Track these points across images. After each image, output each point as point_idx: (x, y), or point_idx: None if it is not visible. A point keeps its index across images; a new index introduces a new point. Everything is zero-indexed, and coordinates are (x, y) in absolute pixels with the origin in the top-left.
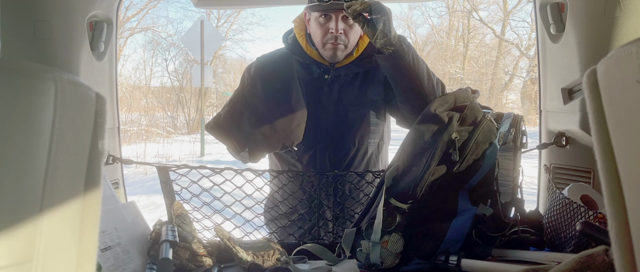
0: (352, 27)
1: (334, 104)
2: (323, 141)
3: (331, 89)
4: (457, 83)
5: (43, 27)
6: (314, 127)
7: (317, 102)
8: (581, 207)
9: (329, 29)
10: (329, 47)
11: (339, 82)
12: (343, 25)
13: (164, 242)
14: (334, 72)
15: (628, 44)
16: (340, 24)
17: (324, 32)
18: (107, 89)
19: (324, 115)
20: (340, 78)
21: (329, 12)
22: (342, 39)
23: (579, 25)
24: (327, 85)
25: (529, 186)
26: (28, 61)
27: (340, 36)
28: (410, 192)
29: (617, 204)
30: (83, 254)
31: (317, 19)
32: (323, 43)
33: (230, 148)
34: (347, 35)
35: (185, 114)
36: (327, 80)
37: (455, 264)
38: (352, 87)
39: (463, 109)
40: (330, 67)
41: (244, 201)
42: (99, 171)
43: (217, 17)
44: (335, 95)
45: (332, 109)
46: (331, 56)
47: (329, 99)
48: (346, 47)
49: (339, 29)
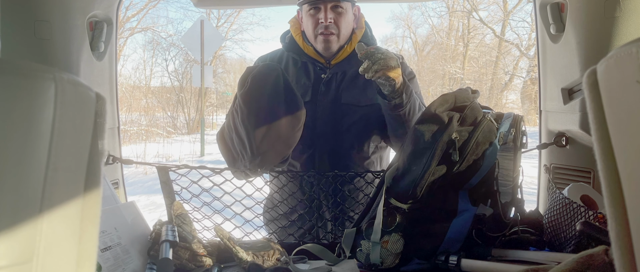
0: (342, 16)
1: (331, 104)
2: (321, 141)
3: (328, 88)
4: (457, 83)
5: (43, 27)
6: (312, 127)
7: (314, 102)
8: (581, 207)
9: (318, 19)
10: (321, 38)
11: (337, 81)
12: (332, 15)
13: (164, 242)
14: (331, 70)
15: (628, 44)
16: (329, 13)
17: (314, 23)
18: (107, 89)
19: (321, 115)
20: (338, 76)
21: (318, 4)
22: (332, 28)
23: (579, 25)
24: (324, 85)
25: (529, 186)
26: (28, 61)
27: (330, 25)
28: (410, 192)
29: (617, 204)
30: (83, 254)
31: (307, 12)
32: (315, 35)
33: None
34: (337, 24)
35: (185, 114)
36: (323, 80)
37: (455, 264)
38: (352, 86)
39: (463, 109)
40: (327, 65)
41: (244, 201)
42: (99, 171)
43: (217, 17)
44: (333, 95)
45: (329, 108)
46: (324, 47)
47: (326, 98)
48: (339, 37)
49: (329, 18)
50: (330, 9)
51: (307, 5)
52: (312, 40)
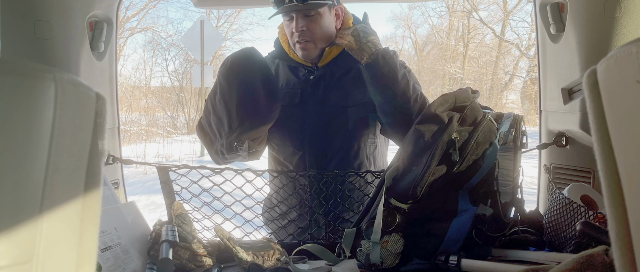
0: (316, 21)
1: (318, 105)
2: (310, 143)
3: (315, 89)
4: (457, 83)
5: (43, 27)
6: (301, 129)
7: (302, 103)
8: (581, 207)
9: (292, 29)
10: (298, 46)
11: (324, 83)
12: (303, 22)
13: (164, 242)
14: (318, 72)
15: (628, 44)
16: (299, 22)
17: (290, 33)
18: (107, 89)
19: (308, 117)
20: (325, 78)
21: (290, 13)
22: (307, 35)
23: (579, 25)
24: (310, 86)
25: (529, 186)
26: (28, 61)
27: (303, 32)
28: (410, 192)
29: (617, 204)
30: (83, 254)
31: (284, 22)
32: (293, 43)
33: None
34: (310, 30)
35: (185, 114)
36: (311, 82)
37: (455, 264)
38: (337, 87)
39: (463, 109)
40: (314, 68)
41: (244, 201)
42: (99, 171)
43: (217, 17)
44: (320, 96)
45: (317, 110)
46: (304, 55)
47: (312, 99)
48: (315, 42)
49: (299, 26)
50: (301, 17)
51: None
52: (293, 49)
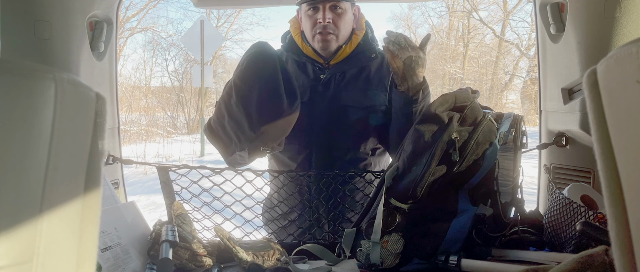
0: (341, 16)
1: (329, 104)
2: (318, 142)
3: (326, 88)
4: (457, 83)
5: (43, 27)
6: (309, 128)
7: (311, 102)
8: (581, 207)
9: (317, 19)
10: (319, 37)
11: (335, 81)
12: (331, 15)
13: (164, 242)
14: (330, 71)
15: (628, 44)
16: (327, 13)
17: (312, 23)
18: (107, 89)
19: (318, 115)
20: (337, 77)
21: (316, 4)
22: (331, 28)
23: (579, 25)
24: (322, 85)
25: (529, 186)
26: (28, 61)
27: (328, 25)
28: (410, 192)
29: (617, 204)
30: (83, 254)
31: (306, 12)
32: (313, 34)
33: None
34: (336, 24)
35: (185, 114)
36: (322, 80)
37: (455, 264)
38: (351, 87)
39: (463, 109)
40: (326, 66)
41: (244, 201)
42: (99, 171)
43: (217, 17)
44: (331, 95)
45: (327, 109)
46: (322, 47)
47: (323, 98)
48: (337, 37)
49: (327, 18)
50: (328, 9)
51: (305, 5)
52: (310, 39)
